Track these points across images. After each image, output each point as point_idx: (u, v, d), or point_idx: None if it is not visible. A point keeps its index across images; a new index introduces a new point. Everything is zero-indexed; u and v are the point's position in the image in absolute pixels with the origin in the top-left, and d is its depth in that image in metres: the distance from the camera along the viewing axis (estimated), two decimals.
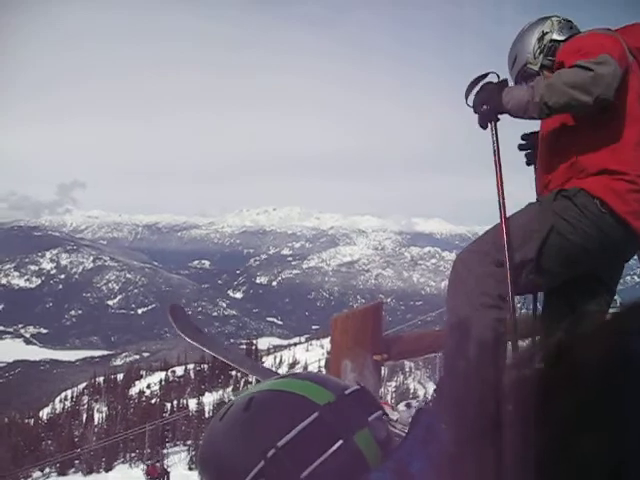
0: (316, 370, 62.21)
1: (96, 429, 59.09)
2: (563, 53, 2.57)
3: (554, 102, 2.28)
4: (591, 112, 2.34)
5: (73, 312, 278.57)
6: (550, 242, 2.38)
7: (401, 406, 6.38)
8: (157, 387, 74.61)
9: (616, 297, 4.97)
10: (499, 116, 2.53)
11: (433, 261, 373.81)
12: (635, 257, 2.60)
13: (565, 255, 2.42)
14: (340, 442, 1.00)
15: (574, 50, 2.48)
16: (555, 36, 2.74)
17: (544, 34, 2.76)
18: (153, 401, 66.93)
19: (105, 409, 66.66)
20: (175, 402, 65.42)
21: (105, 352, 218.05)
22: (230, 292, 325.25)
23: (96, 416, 65.23)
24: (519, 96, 2.39)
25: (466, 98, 2.71)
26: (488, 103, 2.48)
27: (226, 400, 62.17)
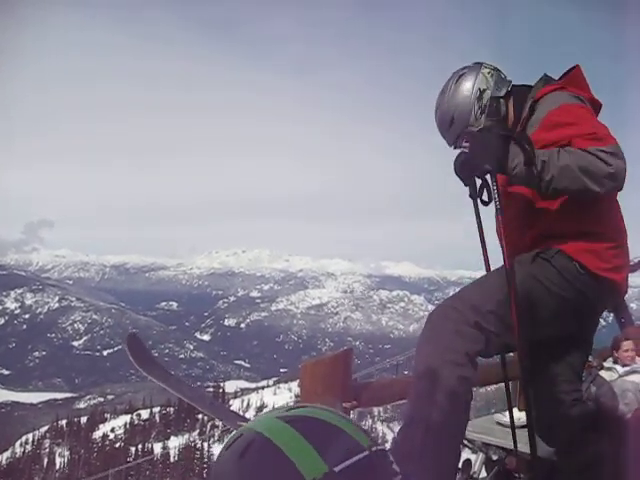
0: None
1: (57, 474, 58.15)
2: (552, 125, 2.40)
3: (564, 187, 2.23)
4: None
5: (37, 353, 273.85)
6: (526, 306, 2.33)
7: None
8: (122, 431, 73.75)
9: None
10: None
11: (402, 304, 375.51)
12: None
13: (540, 319, 2.39)
14: None
15: (579, 130, 2.32)
16: (495, 93, 2.59)
17: (482, 92, 2.58)
18: (117, 445, 66.16)
19: (67, 453, 65.61)
20: (140, 446, 64.69)
21: (69, 394, 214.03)
22: (198, 334, 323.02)
23: (58, 460, 64.12)
24: (529, 170, 2.24)
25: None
26: (489, 162, 2.30)
27: (192, 445, 61.73)
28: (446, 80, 2.67)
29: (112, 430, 73.77)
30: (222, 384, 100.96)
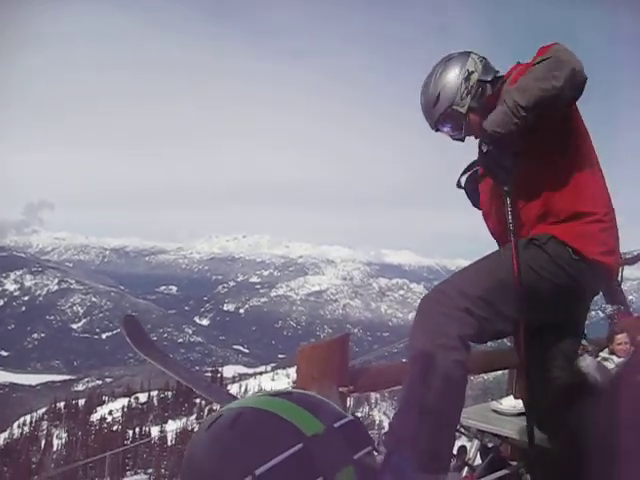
0: None
1: (55, 456, 58.15)
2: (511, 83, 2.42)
3: (527, 100, 2.16)
4: (566, 107, 2.29)
5: (35, 335, 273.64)
6: (517, 292, 2.32)
7: None
8: (119, 414, 73.82)
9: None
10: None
11: (401, 292, 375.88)
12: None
13: (532, 305, 2.36)
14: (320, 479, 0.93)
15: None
16: (482, 77, 2.57)
17: (470, 73, 2.57)
18: (115, 428, 66.23)
19: (65, 435, 65.64)
20: (137, 429, 64.75)
21: (67, 377, 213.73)
22: (197, 319, 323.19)
23: (55, 442, 64.17)
24: (494, 114, 2.25)
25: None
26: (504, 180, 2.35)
27: (189, 429, 61.74)
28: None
29: (110, 413, 73.88)
30: (220, 369, 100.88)
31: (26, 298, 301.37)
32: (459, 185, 2.52)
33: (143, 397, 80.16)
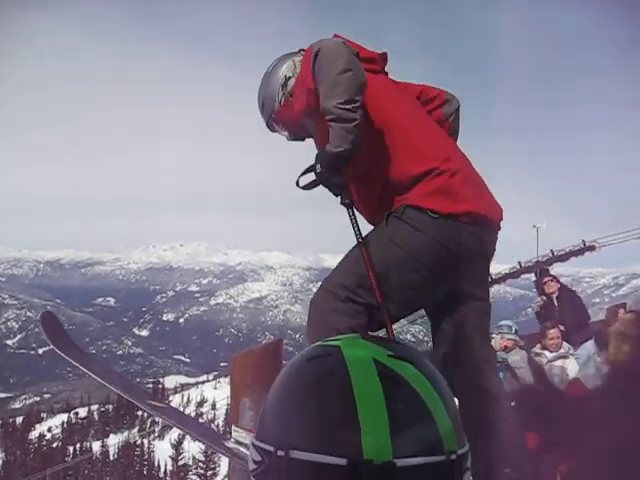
0: (224, 408, 62.68)
1: None
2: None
3: (343, 92, 2.17)
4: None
5: None
6: (389, 271, 2.30)
7: None
8: (59, 430, 73.15)
9: (511, 324, 6.18)
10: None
11: None
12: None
13: (410, 281, 2.32)
14: None
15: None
16: None
17: (287, 79, 2.59)
18: (54, 445, 65.72)
19: (2, 455, 64.95)
20: (78, 445, 64.52)
21: (3, 395, 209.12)
22: (136, 330, 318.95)
23: None
24: (331, 137, 2.22)
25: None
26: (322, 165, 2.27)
27: (132, 442, 62.07)
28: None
29: (49, 430, 73.11)
30: (162, 379, 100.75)
31: None
32: (297, 185, 2.40)
33: (83, 412, 79.53)
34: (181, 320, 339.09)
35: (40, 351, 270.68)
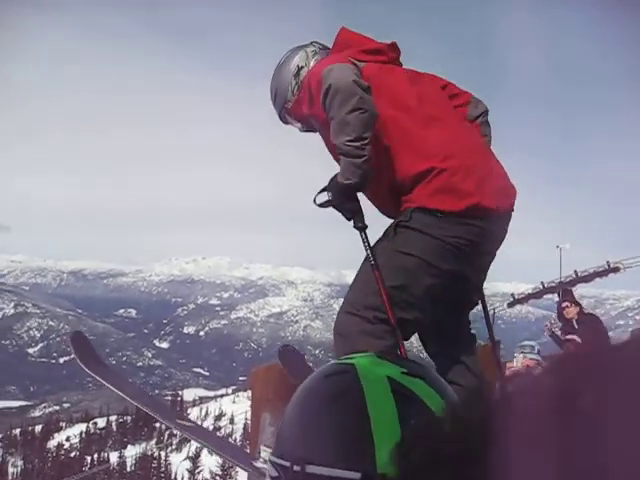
0: (242, 422, 62.43)
1: None
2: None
3: (351, 131, 2.24)
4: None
5: None
6: (407, 282, 2.34)
7: None
8: (77, 440, 73.02)
9: (534, 344, 6.24)
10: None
11: None
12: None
13: (427, 286, 2.36)
14: None
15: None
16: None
17: (300, 69, 2.63)
18: (72, 454, 65.63)
19: (21, 463, 64.96)
20: (96, 455, 64.38)
21: (23, 403, 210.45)
22: (156, 342, 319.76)
23: (10, 470, 63.51)
24: (341, 168, 2.35)
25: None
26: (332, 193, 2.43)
27: (149, 454, 61.81)
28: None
29: (67, 439, 73.01)
30: (180, 392, 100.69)
31: None
32: (314, 202, 2.49)
33: (102, 422, 79.41)
34: (201, 333, 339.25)
35: (61, 360, 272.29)
